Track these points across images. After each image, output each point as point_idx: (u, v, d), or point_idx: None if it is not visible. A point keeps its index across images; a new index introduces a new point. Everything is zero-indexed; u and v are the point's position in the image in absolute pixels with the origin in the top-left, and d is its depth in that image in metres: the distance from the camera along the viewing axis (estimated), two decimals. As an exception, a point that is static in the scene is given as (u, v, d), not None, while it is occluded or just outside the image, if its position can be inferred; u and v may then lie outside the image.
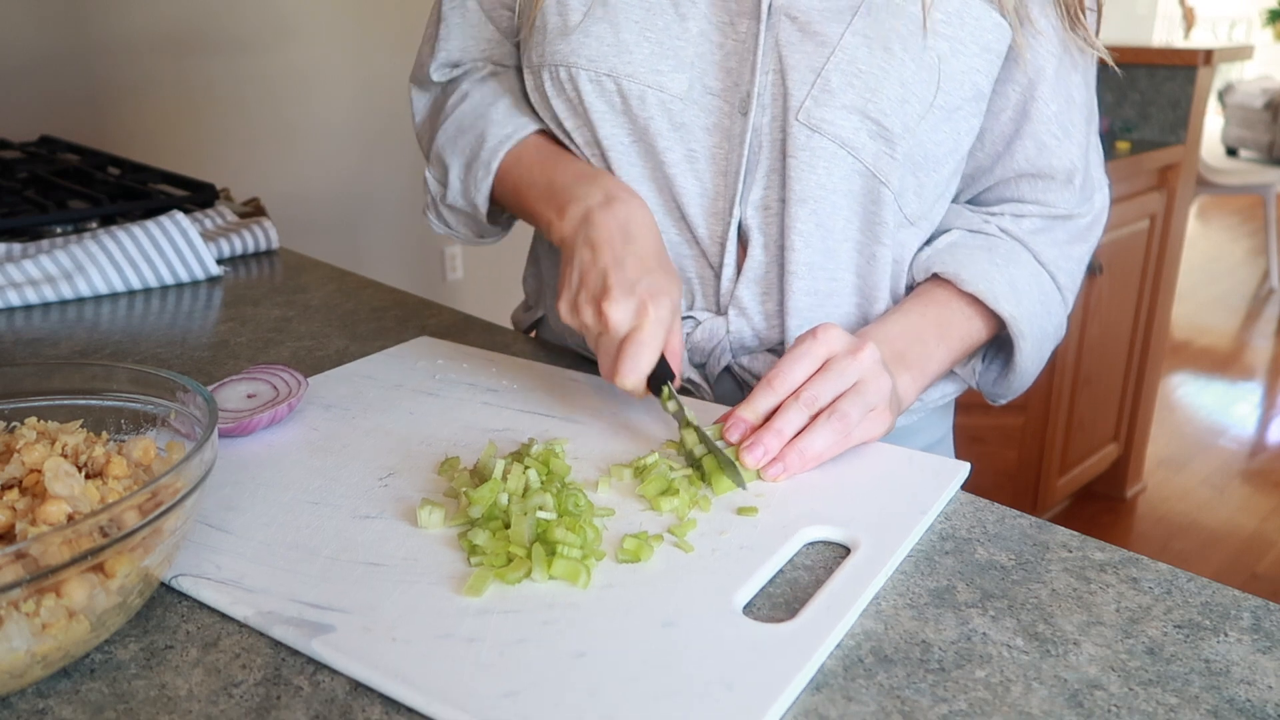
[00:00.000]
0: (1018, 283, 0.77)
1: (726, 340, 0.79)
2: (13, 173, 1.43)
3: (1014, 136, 0.77)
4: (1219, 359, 3.89)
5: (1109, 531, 2.65)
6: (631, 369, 0.66)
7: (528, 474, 0.60)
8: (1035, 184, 0.79)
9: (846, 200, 0.74)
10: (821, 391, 0.64)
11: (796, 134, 0.72)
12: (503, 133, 0.80)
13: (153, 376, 0.60)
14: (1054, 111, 0.76)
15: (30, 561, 0.42)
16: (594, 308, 0.67)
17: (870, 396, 0.65)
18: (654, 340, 0.66)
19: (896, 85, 0.70)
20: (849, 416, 0.63)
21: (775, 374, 0.65)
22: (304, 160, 2.80)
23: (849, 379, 0.65)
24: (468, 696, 0.44)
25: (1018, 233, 0.80)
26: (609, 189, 0.73)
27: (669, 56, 0.73)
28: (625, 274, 0.67)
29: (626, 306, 0.66)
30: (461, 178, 0.82)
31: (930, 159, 0.74)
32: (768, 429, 0.63)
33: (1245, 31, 8.60)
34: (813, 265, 0.76)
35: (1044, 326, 0.80)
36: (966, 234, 0.80)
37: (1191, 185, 2.64)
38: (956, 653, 0.48)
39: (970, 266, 0.76)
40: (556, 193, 0.75)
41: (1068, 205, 0.80)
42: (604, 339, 0.68)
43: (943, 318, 0.77)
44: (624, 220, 0.71)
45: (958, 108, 0.73)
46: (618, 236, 0.70)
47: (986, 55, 0.72)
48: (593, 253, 0.69)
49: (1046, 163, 0.78)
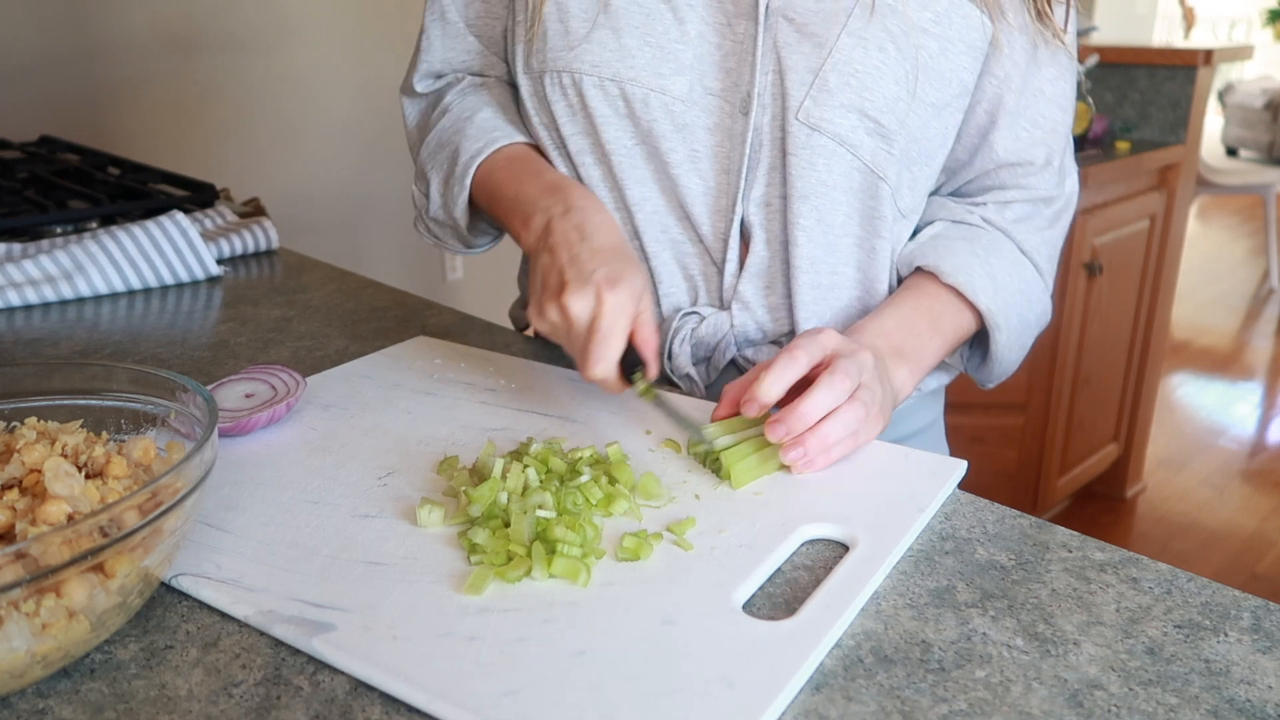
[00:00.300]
0: (997, 274, 0.79)
1: (731, 334, 0.81)
2: (13, 173, 1.43)
3: (989, 128, 0.80)
4: (1219, 359, 3.89)
5: (1109, 531, 2.65)
6: (597, 359, 0.65)
7: (527, 473, 0.60)
8: (1015, 171, 0.81)
9: (846, 196, 0.76)
10: (849, 373, 0.64)
11: (796, 133, 0.74)
12: (474, 148, 0.80)
13: (152, 376, 0.60)
14: (1026, 103, 0.79)
15: (30, 561, 0.42)
16: (555, 304, 0.68)
17: (871, 403, 0.66)
18: (616, 327, 0.66)
19: (891, 84, 0.72)
20: (870, 406, 0.65)
21: (782, 358, 0.64)
22: (304, 160, 2.80)
23: (854, 378, 0.65)
24: (468, 695, 0.44)
25: (1001, 223, 0.82)
26: (570, 199, 0.74)
27: (669, 60, 0.74)
28: (580, 267, 0.68)
29: (584, 296, 0.66)
30: (441, 192, 0.84)
31: (923, 154, 0.77)
32: (792, 411, 0.63)
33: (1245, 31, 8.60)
34: (815, 260, 0.78)
35: (1024, 316, 0.82)
36: (950, 225, 0.82)
37: (1191, 185, 2.64)
38: (956, 653, 0.48)
39: (951, 259, 0.78)
40: (522, 205, 0.76)
41: (1048, 187, 0.83)
42: (571, 335, 0.68)
43: (934, 310, 0.78)
44: (580, 222, 0.72)
45: (947, 104, 0.76)
46: (574, 235, 0.71)
47: (971, 52, 0.75)
48: (550, 255, 0.70)
49: (1022, 152, 0.80)
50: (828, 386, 0.63)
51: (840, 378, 0.64)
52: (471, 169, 0.80)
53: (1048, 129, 0.81)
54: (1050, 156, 0.81)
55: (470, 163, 0.80)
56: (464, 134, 0.82)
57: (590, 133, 0.78)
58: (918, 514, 0.59)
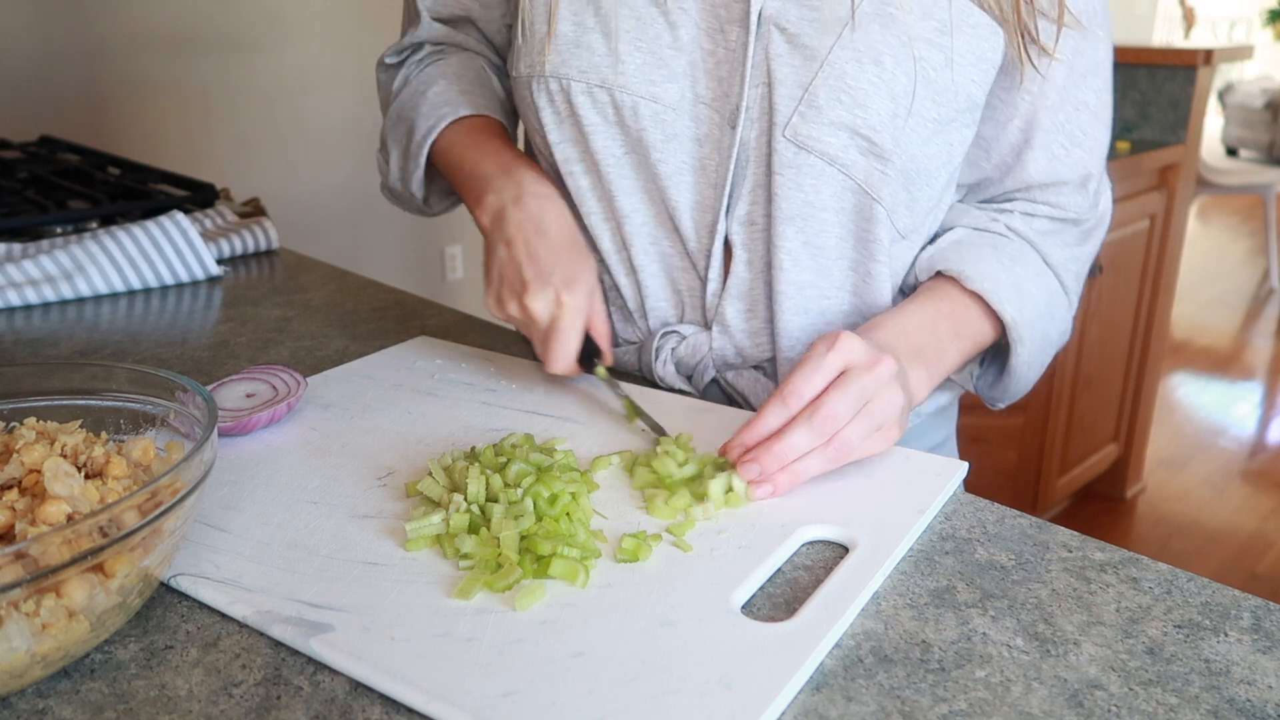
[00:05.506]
0: (1023, 284, 0.75)
1: (710, 356, 0.79)
2: (13, 173, 1.43)
3: (1023, 147, 0.75)
4: (1219, 359, 3.89)
5: (1109, 531, 2.65)
6: (558, 355, 0.72)
7: (487, 477, 0.59)
8: (1047, 189, 0.77)
9: (837, 218, 0.73)
10: (837, 410, 0.60)
11: (783, 151, 0.70)
12: (426, 125, 0.82)
13: (152, 376, 0.60)
14: (1064, 119, 0.74)
15: (30, 561, 0.42)
16: (516, 302, 0.72)
17: (878, 416, 0.62)
18: (574, 326, 0.72)
19: (887, 100, 0.68)
20: (849, 444, 0.61)
21: (789, 388, 0.61)
22: (304, 160, 2.80)
23: (864, 396, 0.61)
24: (466, 696, 0.44)
25: (1027, 233, 0.78)
26: (522, 184, 0.76)
27: (660, 66, 0.71)
28: (539, 267, 0.72)
29: (545, 298, 0.71)
30: (399, 165, 0.86)
31: (922, 173, 0.72)
32: (768, 450, 0.60)
33: (1245, 31, 8.59)
34: (803, 284, 0.75)
35: (1046, 331, 0.78)
36: (972, 232, 0.78)
37: (1191, 185, 2.64)
38: (956, 653, 0.48)
39: (976, 264, 0.74)
40: (478, 181, 0.78)
41: (1079, 209, 0.78)
42: (532, 329, 0.73)
43: (957, 315, 0.74)
44: (535, 215, 0.74)
45: (951, 120, 0.71)
46: (530, 229, 0.73)
47: (981, 65, 0.70)
48: (508, 250, 0.73)
49: (1058, 172, 0.76)
50: (818, 426, 0.60)
51: (836, 402, 0.60)
52: (425, 147, 0.82)
53: (1086, 147, 0.76)
54: (1086, 178, 0.77)
55: (423, 141, 0.82)
56: (418, 110, 0.83)
57: (579, 141, 0.76)
58: (918, 515, 0.59)
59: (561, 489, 0.57)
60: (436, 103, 0.83)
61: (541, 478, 0.58)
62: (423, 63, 0.89)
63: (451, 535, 0.55)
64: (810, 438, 0.60)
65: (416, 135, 0.82)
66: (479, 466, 0.60)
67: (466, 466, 0.60)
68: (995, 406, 0.85)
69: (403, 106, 0.86)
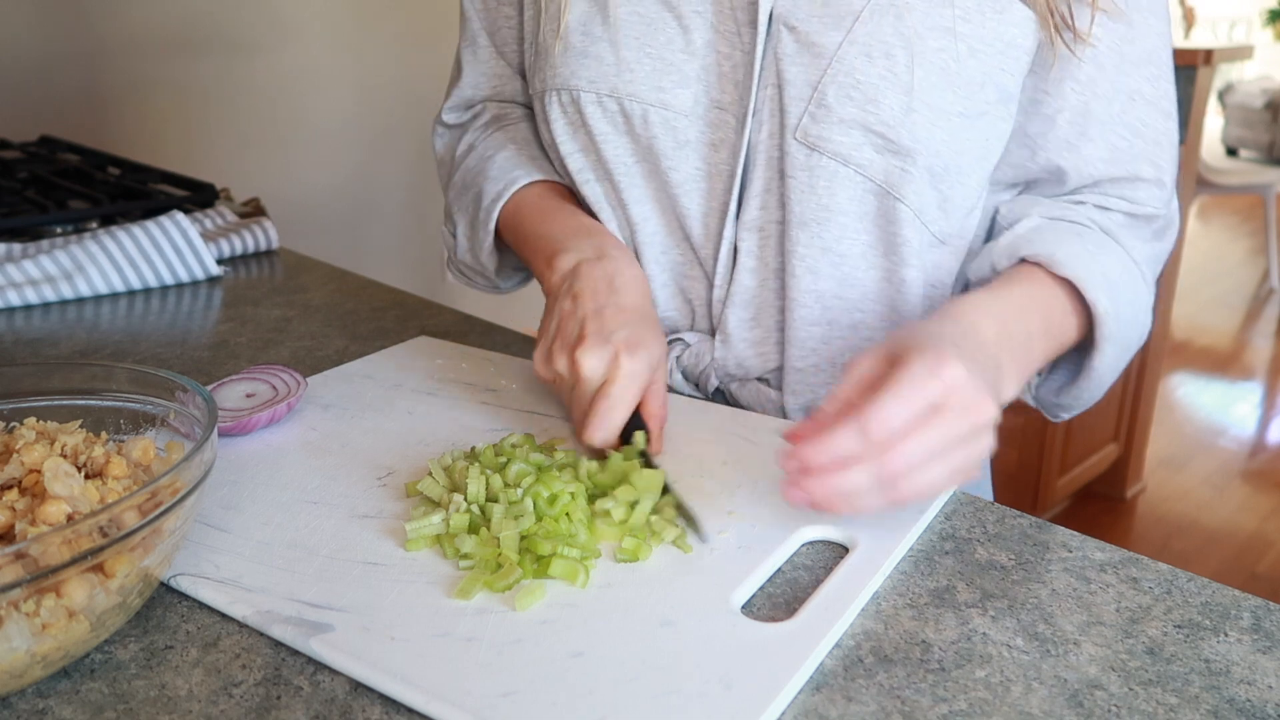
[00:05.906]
0: (1111, 275, 0.68)
1: (712, 366, 0.77)
2: (13, 173, 1.43)
3: (1079, 140, 0.70)
4: (1219, 359, 3.89)
5: (1109, 531, 2.65)
6: (600, 425, 0.62)
7: (487, 477, 0.59)
8: (1119, 184, 0.72)
9: (859, 222, 0.69)
10: (915, 459, 0.52)
11: (795, 153, 0.68)
12: (495, 190, 0.78)
13: (152, 376, 0.60)
14: (1118, 110, 0.70)
15: (30, 561, 0.42)
16: (567, 356, 0.64)
17: (958, 463, 0.54)
18: (627, 395, 0.63)
19: (901, 95, 0.65)
20: (917, 492, 0.53)
21: (876, 414, 0.51)
22: (304, 160, 2.80)
23: (951, 444, 0.53)
24: (466, 696, 0.44)
25: (1106, 225, 0.71)
26: (602, 245, 0.71)
27: (671, 72, 0.70)
28: (603, 323, 0.64)
29: (600, 355, 0.63)
30: (468, 236, 0.82)
31: (952, 170, 0.68)
32: (823, 482, 0.52)
33: (1245, 31, 8.59)
34: (823, 294, 0.71)
35: (1128, 334, 0.70)
36: (1049, 221, 0.71)
37: (1191, 185, 2.64)
38: (956, 653, 0.48)
39: (1063, 248, 0.66)
40: (549, 243, 0.73)
41: (1155, 204, 0.73)
42: (577, 391, 0.65)
43: (1048, 305, 0.66)
44: (611, 274, 0.69)
45: (981, 113, 0.67)
46: (602, 286, 0.67)
47: (1011, 52, 0.66)
48: (574, 302, 0.67)
49: (1124, 164, 0.71)
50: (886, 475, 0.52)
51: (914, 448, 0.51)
52: (494, 212, 0.78)
53: (1149, 138, 0.71)
54: (1160, 173, 0.72)
55: (492, 206, 0.78)
56: (486, 175, 0.80)
57: (591, 150, 0.75)
58: (918, 516, 0.59)
59: (561, 489, 0.57)
60: (506, 168, 0.79)
61: (541, 478, 0.58)
62: (487, 128, 0.85)
63: (451, 535, 0.55)
64: (875, 482, 0.52)
65: (485, 201, 0.79)
66: (479, 466, 0.60)
67: (466, 466, 0.60)
68: (1058, 418, 0.78)
69: (468, 174, 0.83)
